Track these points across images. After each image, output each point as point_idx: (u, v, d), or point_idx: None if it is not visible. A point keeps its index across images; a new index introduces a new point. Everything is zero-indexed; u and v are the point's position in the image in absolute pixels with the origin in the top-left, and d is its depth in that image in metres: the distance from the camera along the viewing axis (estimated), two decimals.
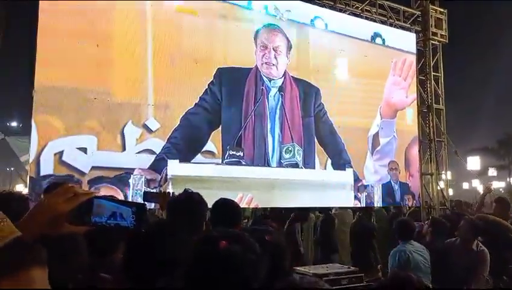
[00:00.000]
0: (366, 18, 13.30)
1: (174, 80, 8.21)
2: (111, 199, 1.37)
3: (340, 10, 12.79)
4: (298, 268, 4.28)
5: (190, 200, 3.05)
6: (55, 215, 1.21)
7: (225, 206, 3.38)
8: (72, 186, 1.28)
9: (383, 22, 13.96)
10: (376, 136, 11.31)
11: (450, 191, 16.66)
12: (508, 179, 21.77)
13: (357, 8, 13.20)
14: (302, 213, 8.15)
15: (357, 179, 10.74)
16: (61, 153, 6.92)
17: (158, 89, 8.05)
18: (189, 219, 2.79)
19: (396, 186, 11.26)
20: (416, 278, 1.95)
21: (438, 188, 15.24)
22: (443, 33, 15.58)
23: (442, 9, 15.43)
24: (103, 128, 7.12)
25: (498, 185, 21.00)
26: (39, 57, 6.86)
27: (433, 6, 15.02)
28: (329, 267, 4.88)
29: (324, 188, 9.26)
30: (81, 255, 1.85)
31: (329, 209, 10.07)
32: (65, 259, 1.71)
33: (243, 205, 7.55)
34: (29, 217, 1.21)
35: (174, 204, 3.10)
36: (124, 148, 7.49)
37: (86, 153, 7.12)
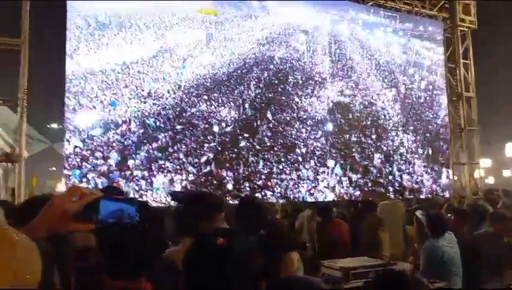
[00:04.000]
0: (391, 8, 11.35)
1: None
2: (116, 198, 1.27)
3: (363, 1, 10.98)
4: (325, 262, 3.70)
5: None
6: (63, 215, 1.12)
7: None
8: (78, 187, 1.18)
9: (408, 12, 11.91)
10: None
11: (492, 180, 14.06)
12: None
13: None
14: None
15: None
16: None
17: None
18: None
19: None
20: (411, 275, 1.78)
21: (476, 176, 12.70)
22: (471, 19, 13.23)
23: None
24: None
25: None
26: None
27: None
28: (359, 260, 4.09)
29: None
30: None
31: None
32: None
33: None
34: (40, 217, 1.13)
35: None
36: None
37: None
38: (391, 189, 8.47)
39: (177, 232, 2.55)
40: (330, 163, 7.66)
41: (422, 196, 8.83)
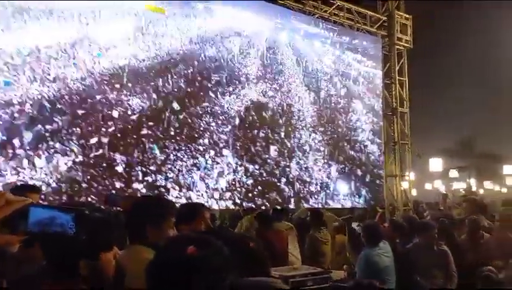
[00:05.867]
0: (334, 22, 10.88)
1: None
2: (48, 205, 1.13)
3: (309, 13, 10.52)
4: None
5: None
6: None
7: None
8: (3, 193, 0.95)
9: (350, 26, 11.50)
10: None
11: (414, 192, 14.02)
12: (467, 180, 18.27)
13: (325, 11, 10.79)
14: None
15: None
16: None
17: None
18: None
19: None
20: (378, 286, 1.72)
21: (402, 188, 12.34)
22: (408, 38, 12.93)
23: (407, 15, 12.39)
24: None
25: (460, 186, 17.71)
26: None
27: (399, 12, 12.21)
28: (297, 268, 3.94)
29: None
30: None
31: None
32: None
33: None
34: None
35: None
36: None
37: None
38: (284, 180, 8.19)
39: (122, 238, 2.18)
40: (225, 152, 7.31)
41: (312, 188, 8.54)
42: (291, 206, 8.29)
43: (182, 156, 6.65)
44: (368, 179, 10.39)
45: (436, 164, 13.25)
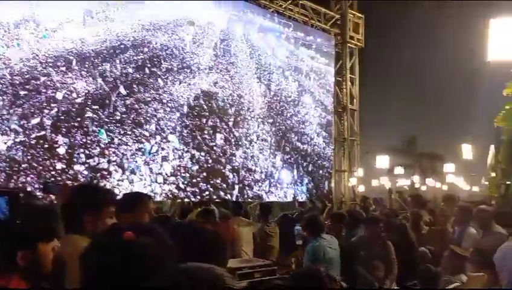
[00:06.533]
0: (289, 17, 11.24)
1: None
2: None
3: (265, 7, 10.80)
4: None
5: None
6: None
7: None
8: None
9: (304, 23, 11.88)
10: None
11: (362, 188, 14.72)
12: (411, 177, 19.53)
13: (281, 6, 11.07)
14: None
15: None
16: None
17: None
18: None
19: None
20: (325, 271, 1.62)
21: (349, 184, 13.11)
22: (360, 37, 13.49)
23: (360, 14, 12.97)
24: None
25: (404, 182, 18.82)
26: None
27: (351, 11, 12.77)
28: (245, 261, 4.05)
29: None
30: None
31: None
32: None
33: None
34: None
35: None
36: None
37: None
38: (229, 167, 8.65)
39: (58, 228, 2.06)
40: (171, 137, 7.58)
41: (256, 176, 9.07)
42: (235, 192, 8.57)
43: (126, 141, 6.86)
44: (311, 168, 10.82)
45: (382, 160, 13.95)
